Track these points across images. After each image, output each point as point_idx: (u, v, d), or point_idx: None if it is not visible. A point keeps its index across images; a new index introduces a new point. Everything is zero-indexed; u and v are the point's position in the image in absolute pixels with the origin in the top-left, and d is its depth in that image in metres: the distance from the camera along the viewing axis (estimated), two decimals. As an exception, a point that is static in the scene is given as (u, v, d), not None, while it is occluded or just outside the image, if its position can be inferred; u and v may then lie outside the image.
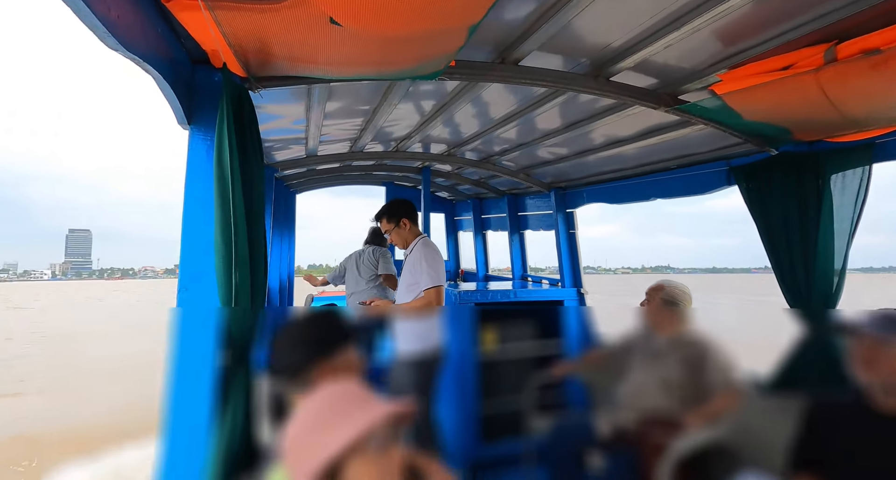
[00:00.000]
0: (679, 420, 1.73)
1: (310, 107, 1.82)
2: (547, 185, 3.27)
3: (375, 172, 3.75)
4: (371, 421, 0.70)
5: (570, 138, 2.37)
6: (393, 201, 2.43)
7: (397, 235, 2.38)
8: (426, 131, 2.52)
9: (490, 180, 3.75)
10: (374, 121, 2.19)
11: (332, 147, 2.76)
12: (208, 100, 1.10)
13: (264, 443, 1.12)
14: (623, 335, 2.23)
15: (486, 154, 3.00)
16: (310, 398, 0.77)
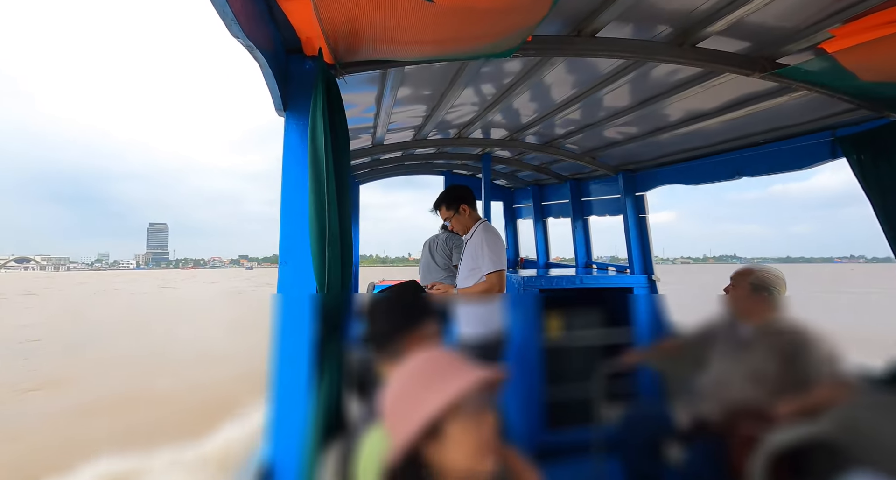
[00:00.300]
0: (771, 411, 1.61)
1: (382, 94, 1.88)
2: (614, 168, 3.13)
3: (435, 160, 3.79)
4: (467, 384, 0.72)
5: (641, 116, 2.25)
6: (451, 188, 2.45)
7: (457, 221, 2.40)
8: (488, 117, 2.50)
9: (552, 166, 3.66)
10: (439, 107, 2.21)
11: (397, 136, 2.83)
12: (301, 88, 1.18)
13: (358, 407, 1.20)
14: (702, 323, 2.11)
15: (549, 138, 2.92)
16: (408, 363, 0.80)
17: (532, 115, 2.49)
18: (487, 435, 0.74)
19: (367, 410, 1.09)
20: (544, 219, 4.33)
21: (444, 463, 0.72)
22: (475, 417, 0.73)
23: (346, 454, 1.00)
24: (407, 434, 0.71)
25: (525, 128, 2.73)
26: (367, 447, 0.94)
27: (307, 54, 1.15)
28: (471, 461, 0.72)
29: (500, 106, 2.28)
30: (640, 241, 2.99)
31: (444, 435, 0.72)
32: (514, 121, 2.65)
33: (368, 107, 2.10)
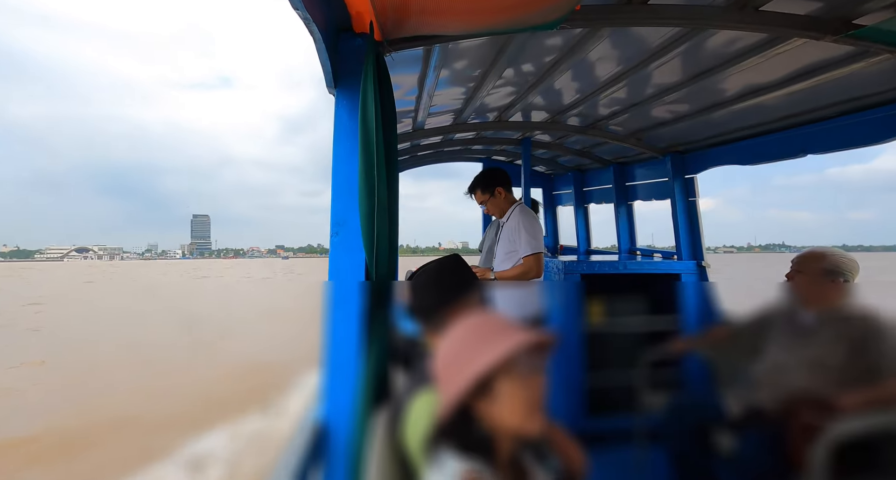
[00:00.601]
0: (836, 401, 1.52)
1: (425, 75, 1.89)
2: (661, 149, 2.99)
3: (474, 146, 3.78)
4: (518, 343, 0.73)
5: (694, 92, 2.13)
6: (485, 171, 2.44)
7: (493, 204, 2.39)
8: (528, 99, 2.46)
9: (594, 149, 3.55)
10: (480, 88, 2.20)
11: (438, 120, 2.84)
12: (351, 65, 1.21)
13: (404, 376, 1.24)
14: (757, 310, 2.00)
15: (592, 119, 2.84)
16: (459, 325, 0.82)
17: (574, 95, 2.42)
18: (536, 396, 0.75)
19: (413, 379, 1.12)
20: (585, 205, 4.22)
21: (494, 420, 0.74)
22: (525, 377, 0.74)
23: (395, 415, 1.04)
24: (458, 390, 0.73)
25: (567, 109, 2.66)
26: (416, 409, 0.97)
27: (356, 31, 1.18)
28: (519, 419, 0.73)
29: (541, 86, 2.24)
30: (690, 226, 2.86)
31: (494, 393, 0.73)
32: (556, 102, 2.59)
33: (411, 89, 2.12)
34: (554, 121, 2.93)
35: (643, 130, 2.82)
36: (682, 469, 1.92)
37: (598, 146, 3.44)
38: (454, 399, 0.73)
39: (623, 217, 3.66)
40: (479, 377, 0.72)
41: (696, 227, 2.85)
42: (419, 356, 1.17)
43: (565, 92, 2.41)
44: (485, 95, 2.32)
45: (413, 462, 0.91)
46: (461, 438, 0.74)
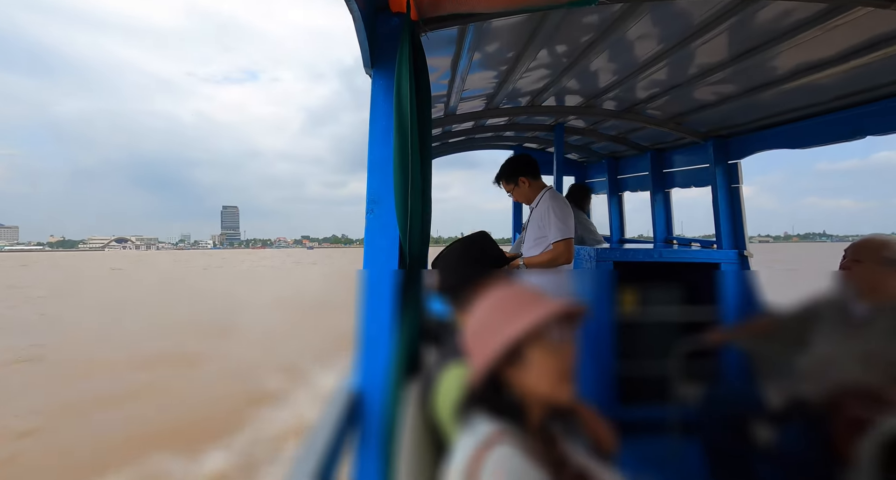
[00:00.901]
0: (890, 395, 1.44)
1: (458, 56, 1.88)
2: (703, 134, 2.87)
3: (506, 132, 3.74)
4: (548, 312, 0.74)
5: (740, 72, 2.03)
6: (508, 161, 2.41)
7: (519, 193, 2.36)
8: (562, 82, 2.41)
9: (630, 135, 3.44)
10: (514, 71, 2.17)
11: (469, 105, 2.83)
12: (387, 45, 1.23)
13: (434, 351, 1.27)
14: (804, 301, 1.91)
15: (629, 103, 2.75)
16: (489, 294, 0.84)
17: (611, 77, 2.35)
18: (566, 365, 0.76)
19: (443, 353, 1.15)
20: (619, 193, 4.11)
21: (524, 387, 0.75)
22: (555, 346, 0.75)
23: (426, 386, 1.07)
24: (488, 357, 0.74)
25: (602, 93, 2.59)
26: (446, 380, 1.00)
27: (393, 11, 1.20)
28: (549, 387, 0.74)
29: (576, 69, 2.18)
30: (731, 213, 2.74)
31: (525, 360, 0.74)
32: (591, 85, 2.52)
33: (444, 73, 2.12)
34: (588, 105, 2.86)
35: (684, 114, 2.71)
36: (717, 461, 1.88)
37: (635, 132, 3.33)
38: (485, 366, 0.74)
39: (660, 205, 3.54)
40: (509, 344, 0.73)
41: (739, 215, 2.72)
42: (449, 332, 1.20)
43: (601, 74, 2.34)
44: (518, 78, 2.29)
45: (443, 428, 0.94)
46: (492, 403, 0.75)
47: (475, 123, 3.37)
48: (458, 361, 1.00)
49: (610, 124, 3.26)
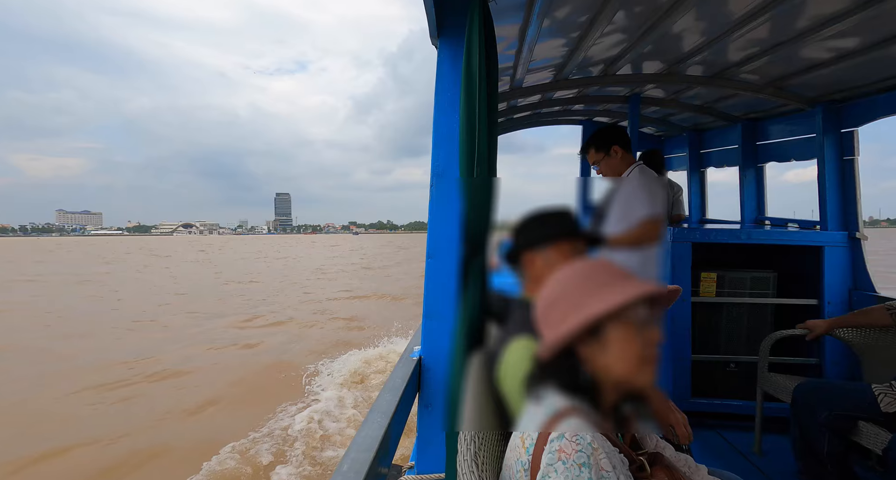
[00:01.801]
0: None
1: (527, 23, 1.80)
2: (810, 100, 2.50)
3: (574, 105, 3.54)
4: (639, 291, 0.69)
5: (865, 21, 1.71)
6: (601, 128, 2.26)
7: (607, 165, 2.21)
8: (640, 47, 2.20)
9: (718, 104, 3.10)
10: (586, 37, 2.02)
11: (536, 77, 2.70)
12: (453, 13, 1.20)
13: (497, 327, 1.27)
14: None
15: (719, 68, 2.46)
16: (566, 268, 0.80)
17: (698, 39, 2.11)
18: (651, 349, 0.71)
19: (508, 327, 1.14)
20: (701, 169, 3.76)
21: (601, 366, 0.72)
22: (640, 327, 0.71)
23: (490, 357, 1.08)
24: (565, 330, 0.71)
25: (687, 57, 2.34)
26: (512, 352, 0.99)
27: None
28: (630, 369, 0.70)
29: (656, 32, 1.98)
30: (842, 190, 2.39)
31: (605, 339, 0.71)
32: (673, 49, 2.28)
33: (511, 43, 2.04)
34: (670, 72, 2.60)
35: (787, 77, 2.37)
36: (811, 462, 1.71)
37: (724, 100, 2.99)
38: (559, 339, 0.72)
39: (750, 182, 3.18)
40: (591, 319, 0.69)
41: (852, 191, 2.36)
42: (514, 306, 1.18)
43: (686, 36, 2.11)
44: (591, 44, 2.14)
45: (508, 399, 0.94)
46: (564, 378, 0.73)
47: (542, 97, 3.22)
48: (523, 334, 0.98)
49: (694, 93, 2.96)
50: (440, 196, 1.26)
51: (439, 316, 1.28)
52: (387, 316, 10.93)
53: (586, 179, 4.02)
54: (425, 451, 1.23)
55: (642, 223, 1.96)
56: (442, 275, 1.26)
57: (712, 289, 2.44)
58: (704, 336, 2.46)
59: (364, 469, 0.67)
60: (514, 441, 0.74)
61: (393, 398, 0.99)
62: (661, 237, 2.00)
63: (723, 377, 2.49)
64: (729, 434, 2.30)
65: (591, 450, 0.62)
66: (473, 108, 1.11)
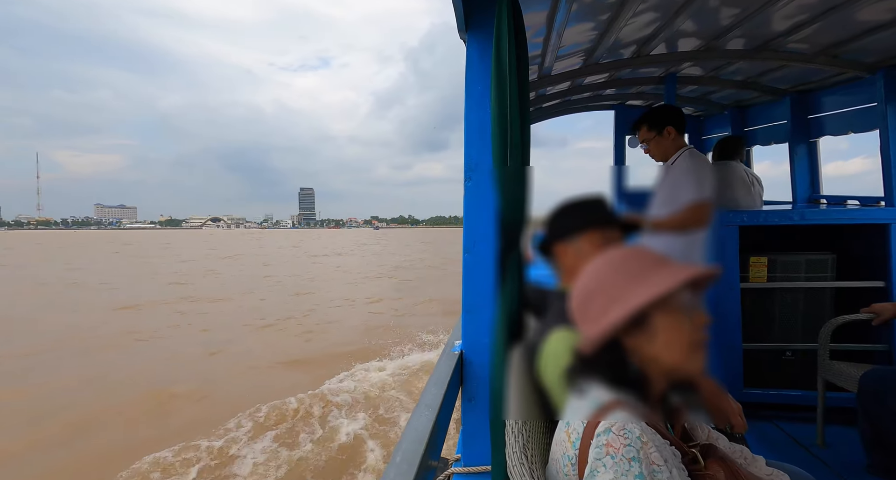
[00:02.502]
0: None
1: (555, 9, 1.75)
2: (869, 65, 2.31)
3: (606, 90, 3.43)
4: (682, 276, 0.67)
5: None
6: (658, 106, 2.18)
7: (658, 145, 2.12)
8: (675, 25, 2.10)
9: (763, 78, 2.91)
10: (618, 19, 1.95)
11: (565, 63, 2.64)
12: (481, 5, 1.19)
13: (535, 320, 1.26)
14: None
15: (763, 39, 2.30)
16: (602, 258, 0.78)
17: (738, 11, 1.98)
18: (699, 334, 0.69)
19: (546, 319, 1.13)
20: (746, 149, 3.55)
21: (648, 356, 0.70)
22: (686, 313, 0.69)
23: (530, 350, 1.07)
24: (608, 322, 0.69)
25: (726, 31, 2.21)
26: (551, 344, 0.98)
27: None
28: (680, 357, 0.68)
29: (693, 6, 1.88)
30: None
31: (651, 328, 0.69)
32: (712, 24, 2.16)
33: (538, 30, 2.00)
34: (709, 48, 2.47)
35: (841, 44, 2.19)
36: (882, 454, 1.60)
37: (769, 73, 2.80)
38: (602, 332, 0.70)
39: (802, 159, 2.98)
40: (635, 309, 0.67)
41: None
42: (551, 298, 1.17)
43: (724, 9, 1.99)
44: (622, 26, 2.06)
45: (550, 390, 0.94)
46: (610, 371, 0.71)
47: (571, 84, 3.14)
48: (561, 326, 0.97)
49: (735, 68, 2.79)
50: (474, 191, 1.26)
51: (478, 310, 1.29)
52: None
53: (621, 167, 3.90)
54: (470, 444, 1.25)
55: (689, 208, 1.88)
56: (479, 270, 1.27)
57: (763, 274, 2.32)
58: (756, 324, 2.34)
59: (416, 461, 0.69)
60: (559, 434, 0.74)
61: (438, 391, 1.01)
62: (708, 223, 1.90)
63: (778, 366, 2.37)
64: (787, 425, 2.18)
65: (640, 444, 0.61)
66: (504, 100, 1.11)
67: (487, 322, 1.27)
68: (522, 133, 1.16)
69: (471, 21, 1.20)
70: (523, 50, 1.16)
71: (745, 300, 2.30)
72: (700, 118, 4.02)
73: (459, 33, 1.24)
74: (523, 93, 1.15)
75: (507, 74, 1.08)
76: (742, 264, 2.29)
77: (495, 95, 1.12)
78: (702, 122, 4.02)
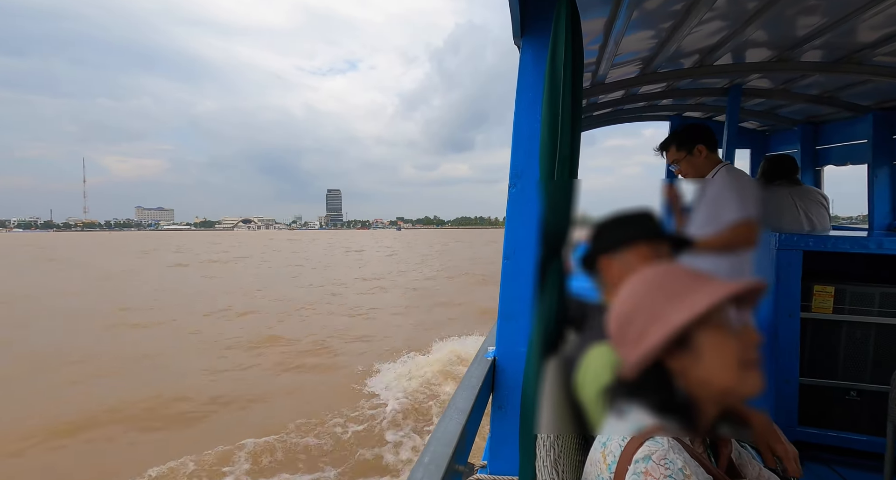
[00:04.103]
0: None
1: (614, 16, 1.71)
2: None
3: (662, 100, 3.29)
4: (724, 291, 0.63)
5: None
6: (685, 126, 2.10)
7: (689, 164, 2.04)
8: (745, 34, 1.98)
9: (842, 93, 2.69)
10: (682, 26, 1.87)
11: (621, 71, 2.56)
12: (539, 11, 1.19)
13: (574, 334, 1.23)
14: None
15: (846, 51, 2.13)
16: (639, 276, 0.74)
17: (818, 20, 1.85)
18: (752, 352, 0.64)
19: (586, 333, 1.10)
20: (817, 168, 3.29)
21: (697, 380, 0.65)
22: (735, 330, 0.64)
23: (567, 363, 1.05)
24: (648, 345, 0.66)
25: (803, 42, 2.06)
26: (590, 360, 0.96)
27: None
28: (731, 378, 0.63)
29: (766, 15, 1.77)
30: None
31: (696, 348, 0.65)
32: (786, 34, 2.03)
33: (595, 37, 1.95)
34: (781, 59, 2.31)
35: None
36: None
37: (850, 88, 2.59)
38: (643, 356, 0.66)
39: (883, 182, 2.72)
40: (676, 330, 0.63)
41: None
42: (593, 312, 1.14)
43: (802, 18, 1.86)
44: (685, 34, 1.97)
45: (586, 407, 0.91)
46: (655, 396, 0.67)
47: (625, 93, 3.05)
48: (601, 341, 0.95)
49: (811, 81, 2.60)
50: (519, 197, 1.25)
51: (515, 318, 1.27)
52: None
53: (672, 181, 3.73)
54: (498, 452, 1.24)
55: (733, 226, 1.77)
56: (518, 277, 1.26)
57: (828, 304, 2.13)
58: (816, 358, 2.16)
59: (444, 464, 0.69)
60: (594, 454, 0.71)
61: (469, 396, 1.00)
62: (755, 243, 1.78)
63: (840, 405, 2.16)
64: (848, 472, 1.99)
65: (682, 477, 0.58)
66: (556, 110, 1.09)
67: (523, 331, 1.25)
68: (572, 144, 1.14)
69: (527, 27, 1.20)
70: (579, 58, 1.14)
71: (806, 330, 2.12)
72: (766, 133, 3.77)
73: (514, 39, 1.24)
74: (576, 103, 1.14)
75: (561, 84, 1.07)
76: (804, 292, 2.12)
77: (547, 104, 1.11)
78: (767, 137, 3.77)
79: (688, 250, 1.12)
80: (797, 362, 2.09)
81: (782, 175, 2.58)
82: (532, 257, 1.23)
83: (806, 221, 2.44)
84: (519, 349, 1.24)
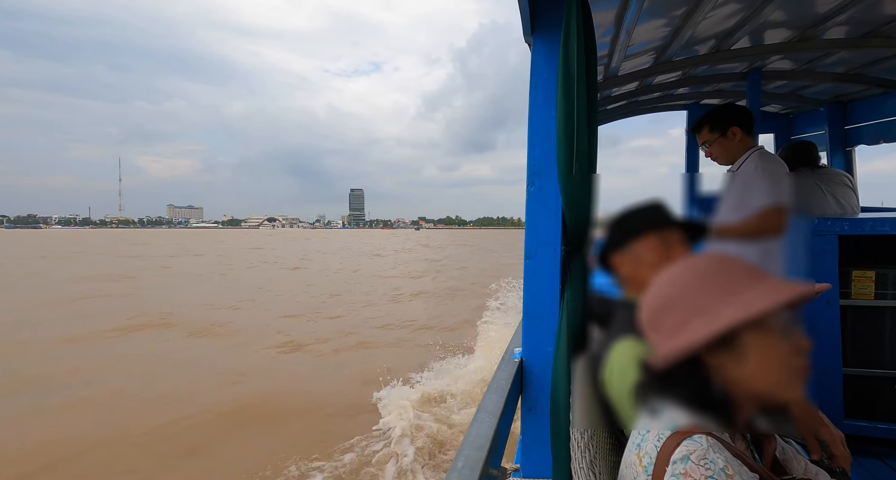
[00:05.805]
0: None
1: (626, 7, 1.68)
2: None
3: (678, 89, 3.22)
4: (783, 297, 0.59)
5: None
6: (721, 106, 2.02)
7: (721, 146, 1.97)
8: (763, 15, 1.92)
9: (870, 69, 2.58)
10: (696, 11, 1.83)
11: (634, 62, 2.52)
12: (549, 7, 1.18)
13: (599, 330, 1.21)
14: None
15: (874, 24, 2.04)
16: (681, 265, 0.70)
17: None
18: (798, 359, 0.61)
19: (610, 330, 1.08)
20: (847, 149, 3.15)
21: (737, 379, 0.62)
22: (786, 334, 0.61)
23: (594, 361, 1.03)
24: (689, 339, 0.63)
25: (825, 19, 1.99)
26: (616, 356, 0.93)
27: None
28: (774, 383, 0.61)
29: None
30: None
31: (742, 348, 0.61)
32: (807, 12, 1.95)
33: (606, 29, 1.93)
34: (804, 38, 2.23)
35: None
36: None
37: (879, 63, 2.47)
38: (681, 348, 0.63)
39: None
40: (725, 329, 0.60)
41: None
42: (616, 308, 1.12)
43: None
44: (699, 20, 1.93)
45: (616, 404, 0.89)
46: (689, 391, 0.64)
47: (640, 84, 2.99)
48: (626, 336, 0.92)
49: (837, 59, 2.49)
50: (537, 196, 1.24)
51: (540, 318, 1.26)
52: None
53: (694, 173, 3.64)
54: (530, 454, 1.22)
55: (762, 213, 1.70)
56: (541, 276, 1.24)
57: (870, 290, 2.03)
58: (860, 346, 2.06)
59: (478, 468, 0.68)
60: (628, 456, 0.69)
61: (498, 399, 1.00)
62: (784, 230, 1.71)
63: (889, 396, 2.06)
64: None
65: (724, 477, 0.55)
66: (571, 105, 1.08)
67: (549, 330, 1.24)
68: (590, 138, 1.13)
69: (537, 24, 1.19)
70: (592, 52, 1.12)
71: (846, 318, 2.03)
72: (789, 116, 3.64)
73: (525, 37, 1.23)
74: (591, 97, 1.12)
75: (575, 78, 1.05)
76: (842, 278, 2.03)
77: (562, 99, 1.09)
78: (791, 120, 3.64)
79: (704, 236, 1.09)
80: (839, 352, 2.00)
81: (804, 162, 2.51)
82: (554, 255, 1.22)
83: (835, 203, 2.35)
84: (546, 349, 1.22)
